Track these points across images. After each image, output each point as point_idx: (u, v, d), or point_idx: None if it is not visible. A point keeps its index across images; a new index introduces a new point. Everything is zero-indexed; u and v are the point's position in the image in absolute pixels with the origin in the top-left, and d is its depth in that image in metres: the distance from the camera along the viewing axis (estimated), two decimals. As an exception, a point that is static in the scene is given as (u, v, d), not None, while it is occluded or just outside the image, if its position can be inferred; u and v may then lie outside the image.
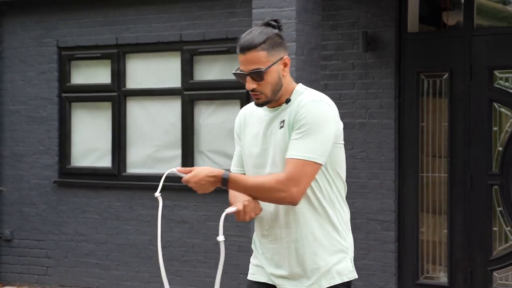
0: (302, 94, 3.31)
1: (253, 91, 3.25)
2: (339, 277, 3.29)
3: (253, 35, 3.24)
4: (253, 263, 3.46)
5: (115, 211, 8.70)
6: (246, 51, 3.22)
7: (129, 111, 8.68)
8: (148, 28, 8.50)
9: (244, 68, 3.24)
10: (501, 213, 7.14)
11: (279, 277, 3.34)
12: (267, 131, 3.32)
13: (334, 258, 3.29)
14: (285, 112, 3.29)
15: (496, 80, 7.15)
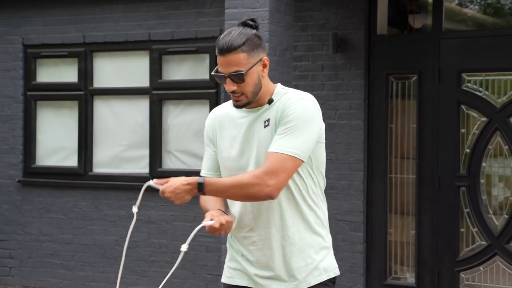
0: (286, 93, 3.30)
1: (233, 92, 3.21)
2: (326, 274, 3.31)
3: (232, 36, 3.17)
4: (230, 266, 3.41)
5: (81, 211, 8.62)
6: (226, 53, 3.16)
7: (96, 110, 8.61)
8: (115, 27, 8.44)
9: (224, 70, 3.19)
10: (468, 214, 7.22)
11: (265, 278, 3.31)
12: (248, 132, 3.28)
13: (319, 255, 3.31)
14: (269, 112, 3.27)
15: (464, 83, 7.23)
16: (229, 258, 3.43)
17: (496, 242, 7.11)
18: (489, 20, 7.79)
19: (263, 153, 3.23)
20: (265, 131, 3.25)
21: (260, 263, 3.31)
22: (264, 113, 3.28)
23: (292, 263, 3.29)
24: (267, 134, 3.24)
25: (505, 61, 7.07)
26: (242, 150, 3.29)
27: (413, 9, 7.75)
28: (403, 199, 7.45)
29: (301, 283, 3.28)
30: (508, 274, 7.10)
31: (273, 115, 3.25)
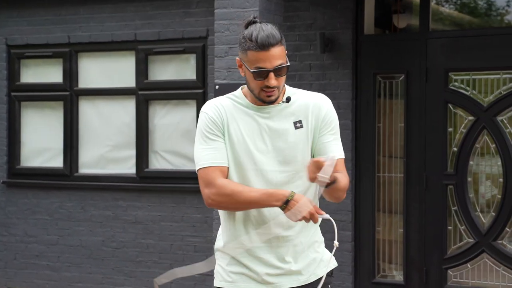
0: (300, 92, 3.37)
1: (271, 88, 3.21)
2: (329, 266, 3.39)
3: (269, 30, 3.20)
4: (231, 271, 3.34)
5: (66, 212, 8.58)
6: (270, 47, 3.17)
7: (82, 111, 8.58)
8: (101, 27, 8.42)
9: (266, 65, 3.17)
10: (455, 212, 7.29)
11: (276, 276, 3.31)
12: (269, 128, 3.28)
13: (321, 248, 3.41)
14: (292, 111, 3.29)
15: (451, 82, 7.30)
16: (228, 262, 3.35)
17: (483, 240, 7.18)
18: (471, 20, 7.86)
19: (295, 153, 3.28)
20: (298, 132, 3.29)
21: (272, 260, 3.30)
22: (284, 111, 3.29)
23: (304, 257, 3.33)
24: (301, 136, 3.29)
25: (491, 61, 7.14)
26: (267, 144, 3.28)
27: (398, 9, 7.80)
28: (391, 197, 7.50)
29: (311, 276, 3.33)
30: (495, 271, 7.17)
31: (305, 117, 3.29)
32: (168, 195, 8.12)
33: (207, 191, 3.24)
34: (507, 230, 7.14)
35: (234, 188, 3.21)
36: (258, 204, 3.20)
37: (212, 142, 3.27)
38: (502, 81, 7.15)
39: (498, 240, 7.15)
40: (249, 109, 3.31)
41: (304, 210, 3.11)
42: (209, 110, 3.32)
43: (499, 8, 7.63)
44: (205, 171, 3.25)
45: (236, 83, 6.65)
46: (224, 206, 3.26)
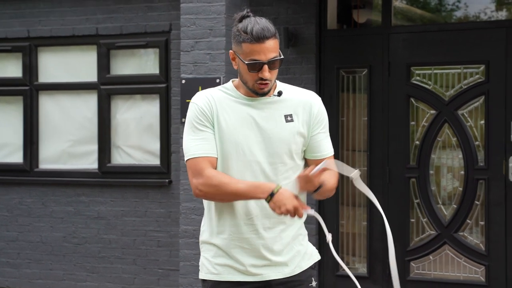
0: (292, 88, 3.44)
1: (265, 80, 3.26)
2: (312, 258, 3.47)
3: (264, 24, 3.25)
4: (217, 263, 3.37)
5: (26, 208, 8.49)
6: (265, 39, 3.22)
7: (42, 106, 8.49)
8: (61, 21, 8.34)
9: (261, 57, 3.22)
10: (418, 205, 7.39)
11: (261, 267, 3.35)
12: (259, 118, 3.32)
13: (305, 242, 3.48)
14: (284, 105, 3.35)
15: (413, 76, 7.40)
16: (214, 254, 3.38)
17: (445, 232, 7.30)
18: (427, 15, 7.97)
19: (284, 145, 3.33)
20: (289, 126, 3.33)
21: (258, 252, 3.33)
22: (275, 104, 3.34)
23: (289, 250, 3.37)
24: (291, 130, 3.33)
25: (452, 55, 7.26)
26: (257, 134, 3.32)
27: (358, 4, 7.88)
28: (355, 191, 7.58)
29: (295, 268, 3.39)
30: (456, 263, 7.30)
31: (296, 112, 3.35)
32: (131, 190, 8.08)
33: (195, 181, 3.28)
34: (468, 222, 7.27)
35: (221, 179, 3.25)
36: (244, 195, 3.24)
37: (201, 133, 3.31)
38: (463, 76, 7.27)
39: (460, 232, 7.28)
40: (241, 101, 3.34)
41: (289, 203, 3.15)
42: (199, 101, 3.35)
43: (450, 3, 7.75)
44: (194, 161, 3.29)
45: (202, 78, 6.67)
46: (211, 196, 3.30)
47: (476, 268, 7.23)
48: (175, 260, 7.88)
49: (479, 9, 7.59)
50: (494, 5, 7.56)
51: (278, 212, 3.16)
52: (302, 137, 3.37)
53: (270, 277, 3.36)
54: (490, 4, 7.54)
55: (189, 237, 6.74)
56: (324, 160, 3.32)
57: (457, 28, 7.38)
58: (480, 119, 7.21)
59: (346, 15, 7.89)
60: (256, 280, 3.35)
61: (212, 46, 6.69)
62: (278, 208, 3.15)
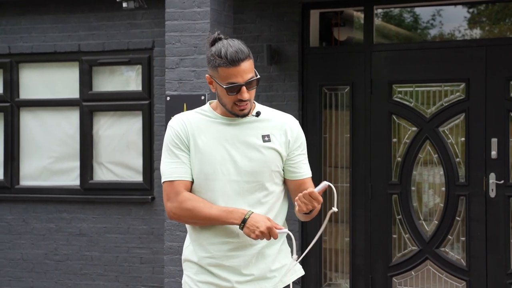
0: (270, 110, 3.50)
1: (244, 101, 3.31)
2: (296, 273, 3.51)
3: (237, 46, 3.29)
4: (200, 280, 3.41)
5: (7, 225, 8.45)
6: (240, 62, 3.26)
7: (23, 122, 8.47)
8: (43, 38, 8.33)
9: (238, 79, 3.27)
10: (400, 221, 7.46)
11: (245, 283, 3.38)
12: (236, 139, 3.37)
13: (288, 258, 3.51)
14: (261, 125, 3.40)
15: (395, 94, 7.49)
16: (196, 271, 3.41)
17: (427, 247, 7.38)
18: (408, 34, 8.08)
19: (262, 164, 3.38)
20: (266, 146, 3.38)
21: (239, 267, 3.37)
22: (253, 124, 3.40)
23: (271, 265, 3.41)
24: (268, 150, 3.38)
25: (433, 73, 7.36)
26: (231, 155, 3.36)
27: (338, 22, 7.96)
28: (337, 207, 7.62)
29: (278, 283, 3.42)
30: (438, 278, 7.37)
31: (273, 133, 3.40)
32: (113, 207, 8.08)
33: (169, 204, 3.36)
34: (450, 238, 7.35)
35: (194, 204, 3.32)
36: (217, 220, 3.31)
37: (175, 157, 3.38)
38: (444, 93, 7.37)
39: (441, 247, 7.35)
40: (219, 121, 3.40)
41: (262, 226, 3.22)
42: (175, 124, 3.42)
43: (433, 22, 7.86)
44: (168, 184, 3.36)
45: (187, 95, 6.70)
46: (184, 219, 3.37)
47: (457, 284, 7.31)
48: (158, 276, 7.88)
49: (454, 27, 7.71)
50: (467, 23, 7.68)
51: (253, 237, 3.22)
52: (280, 157, 3.42)
53: None
54: (463, 22, 7.66)
55: (174, 254, 6.74)
56: (305, 179, 3.47)
57: (438, 47, 7.49)
58: (460, 136, 7.31)
59: (327, 33, 7.97)
60: None
61: (197, 63, 6.72)
62: (253, 232, 3.22)
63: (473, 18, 7.74)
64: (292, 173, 3.48)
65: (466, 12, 7.68)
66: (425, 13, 7.83)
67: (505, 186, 7.14)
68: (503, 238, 7.15)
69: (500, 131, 7.15)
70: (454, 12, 7.69)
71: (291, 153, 3.45)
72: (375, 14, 7.66)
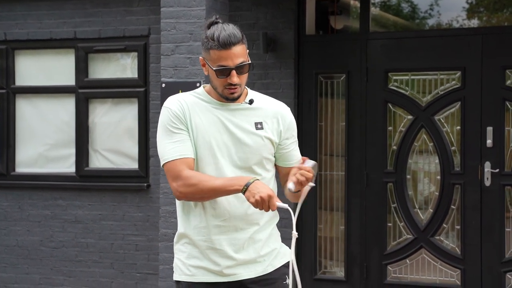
0: (263, 97, 3.52)
1: (234, 85, 3.33)
2: (285, 257, 3.54)
3: (230, 30, 3.32)
4: (191, 264, 3.43)
5: (3, 212, 8.45)
6: (232, 46, 3.29)
7: (19, 109, 8.46)
8: (39, 25, 8.31)
9: (229, 63, 3.30)
10: (395, 209, 7.47)
11: (234, 267, 3.40)
12: (229, 123, 3.39)
13: (279, 242, 3.56)
14: (254, 113, 3.43)
15: (390, 82, 7.48)
16: (188, 255, 3.43)
17: (421, 236, 7.38)
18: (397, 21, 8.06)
19: (254, 151, 3.40)
20: (259, 133, 3.42)
21: (231, 252, 3.39)
22: (246, 111, 3.42)
23: (261, 249, 3.44)
24: (260, 137, 3.41)
25: (429, 61, 7.35)
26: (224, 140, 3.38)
27: (335, 11, 7.94)
28: (333, 195, 7.64)
29: (268, 266, 3.45)
30: (433, 266, 7.38)
31: (265, 121, 3.43)
32: (108, 194, 8.08)
33: (175, 184, 3.34)
34: (444, 226, 7.35)
35: (200, 178, 3.32)
36: (223, 190, 3.30)
37: (176, 136, 3.36)
38: (440, 82, 7.36)
39: (436, 236, 7.36)
40: (212, 105, 3.41)
41: (263, 192, 3.21)
42: (172, 105, 3.41)
43: (423, 10, 7.85)
44: (171, 164, 3.35)
45: (182, 82, 6.69)
46: (191, 196, 3.35)
47: (452, 272, 7.32)
48: (153, 264, 7.89)
49: (451, 17, 7.70)
50: (465, 13, 7.67)
51: (252, 201, 3.20)
52: (272, 145, 3.45)
53: (243, 277, 3.42)
54: (462, 13, 7.65)
55: (169, 241, 6.74)
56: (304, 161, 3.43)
57: (434, 35, 7.48)
58: (456, 125, 7.30)
59: (323, 21, 7.96)
60: (230, 280, 3.41)
61: (192, 50, 6.71)
62: (253, 196, 3.20)
63: (471, 8, 7.73)
64: (285, 160, 3.52)
65: (464, 2, 7.66)
66: (423, 3, 7.81)
67: (500, 175, 7.14)
68: (498, 226, 7.15)
69: (495, 119, 7.15)
70: (452, 2, 7.68)
71: (283, 141, 3.48)
72: (372, 4, 7.65)
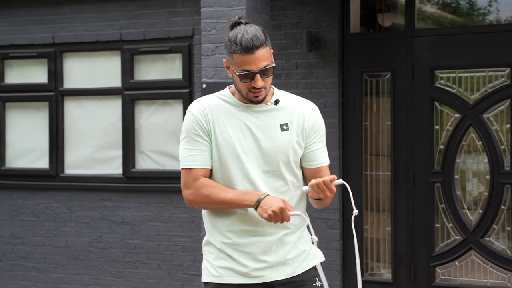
0: (289, 96, 3.45)
1: (259, 88, 3.27)
2: (315, 259, 3.47)
3: (253, 33, 3.25)
4: (219, 265, 3.39)
5: (52, 213, 8.54)
6: (255, 49, 3.22)
7: (67, 111, 8.54)
8: (86, 27, 8.38)
9: (252, 67, 3.23)
10: (443, 210, 7.30)
11: (263, 269, 3.36)
12: (255, 127, 3.34)
13: (309, 244, 3.49)
14: (280, 114, 3.37)
15: (437, 80, 7.32)
16: (215, 257, 3.40)
17: (471, 237, 7.21)
18: (455, 19, 7.88)
19: (280, 154, 3.35)
20: (284, 134, 3.36)
21: (258, 254, 3.35)
22: (272, 113, 3.36)
23: (291, 252, 3.39)
24: (287, 138, 3.36)
25: (476, 58, 7.16)
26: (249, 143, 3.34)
27: (382, 8, 7.81)
28: (379, 196, 7.52)
29: (297, 268, 3.40)
30: (483, 268, 7.20)
31: (291, 121, 3.37)
32: (155, 195, 8.09)
33: (187, 191, 3.35)
34: (494, 227, 7.16)
35: (211, 189, 3.30)
36: (233, 204, 3.28)
37: (196, 143, 3.35)
38: (488, 79, 7.17)
39: (486, 237, 7.18)
40: (237, 107, 3.36)
41: (275, 206, 3.19)
42: (195, 110, 3.38)
43: (482, 7, 7.65)
44: (186, 172, 3.35)
45: (223, 82, 6.64)
46: (201, 205, 3.36)
47: (503, 274, 7.13)
48: (199, 265, 7.87)
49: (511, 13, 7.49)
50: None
51: (265, 216, 3.20)
52: (299, 146, 3.39)
53: (271, 279, 3.38)
54: (515, 8, 7.45)
55: (211, 243, 6.72)
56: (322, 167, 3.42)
57: (482, 31, 7.28)
58: (505, 123, 7.11)
59: (371, 19, 7.83)
60: (257, 282, 3.37)
61: (233, 51, 6.66)
62: (265, 211, 3.20)
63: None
64: (308, 161, 3.44)
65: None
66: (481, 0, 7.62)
67: (551, 174, 6.93)
68: (549, 227, 6.94)
69: (546, 117, 6.94)
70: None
71: (308, 141, 3.41)
72: (428, 1, 7.50)
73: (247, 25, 3.29)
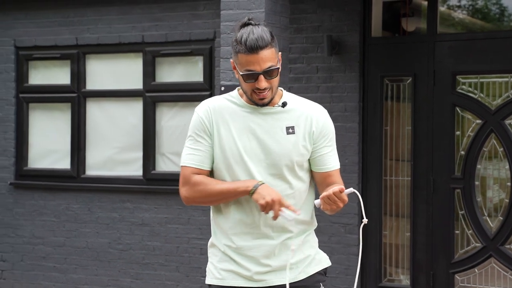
0: (297, 99, 3.43)
1: (263, 90, 3.25)
2: (320, 264, 3.45)
3: (258, 33, 3.23)
4: (222, 268, 3.37)
5: (73, 214, 8.58)
6: (259, 50, 3.21)
7: (89, 113, 8.58)
8: (108, 29, 8.42)
9: (256, 67, 3.22)
10: (463, 216, 7.23)
11: (265, 273, 3.35)
12: (260, 129, 3.32)
13: (315, 249, 3.46)
14: (287, 117, 3.35)
15: (458, 85, 7.25)
16: (219, 259, 3.38)
17: (491, 244, 7.13)
18: (478, 24, 7.81)
19: (284, 157, 3.32)
20: (290, 138, 3.33)
21: (260, 257, 3.33)
22: (278, 115, 3.34)
23: (294, 257, 3.36)
24: (291, 142, 3.33)
25: (499, 64, 7.09)
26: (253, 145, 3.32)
27: (406, 13, 7.76)
28: (398, 201, 7.46)
29: (300, 273, 3.39)
30: (503, 276, 7.11)
31: (298, 124, 3.34)
32: (174, 197, 8.10)
33: (182, 189, 3.37)
34: (515, 235, 7.08)
35: (205, 182, 3.30)
36: (229, 193, 3.28)
37: (197, 144, 3.36)
38: (510, 85, 7.10)
39: (506, 244, 7.09)
40: (244, 109, 3.35)
41: (268, 196, 3.18)
42: (201, 111, 3.39)
43: (507, 11, 7.57)
44: (185, 169, 3.37)
45: (242, 85, 6.64)
46: (198, 200, 3.37)
47: (523, 282, 7.05)
48: (217, 268, 7.85)
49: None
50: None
51: (262, 202, 3.18)
52: (305, 149, 3.36)
53: (273, 283, 3.36)
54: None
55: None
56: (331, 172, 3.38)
57: (504, 36, 7.21)
58: (528, 129, 7.03)
59: (395, 23, 7.78)
60: (260, 286, 3.35)
61: (252, 53, 6.65)
62: (262, 198, 3.19)
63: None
64: (318, 165, 3.41)
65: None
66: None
67: None
68: None
69: None
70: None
71: (316, 145, 3.38)
72: (440, 3, 7.44)
73: (255, 26, 3.28)
